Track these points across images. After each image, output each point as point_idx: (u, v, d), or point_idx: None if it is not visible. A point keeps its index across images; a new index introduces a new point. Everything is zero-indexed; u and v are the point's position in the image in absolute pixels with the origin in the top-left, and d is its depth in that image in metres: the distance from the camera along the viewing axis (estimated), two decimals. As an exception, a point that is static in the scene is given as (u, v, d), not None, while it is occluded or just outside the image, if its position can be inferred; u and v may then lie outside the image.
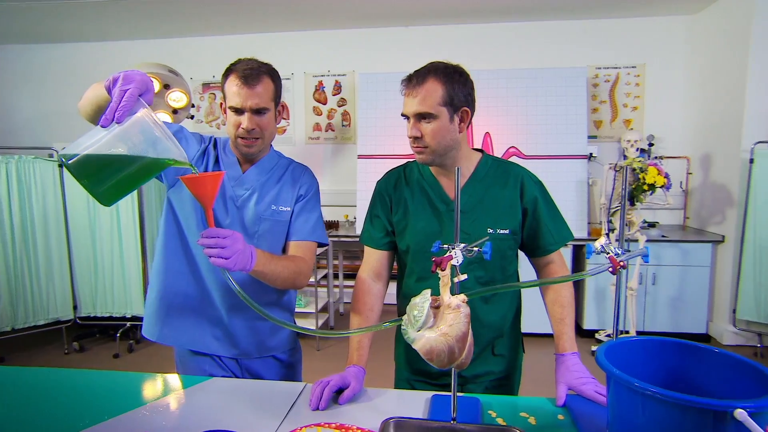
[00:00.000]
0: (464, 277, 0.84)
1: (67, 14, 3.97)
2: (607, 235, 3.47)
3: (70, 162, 0.84)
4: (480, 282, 1.21)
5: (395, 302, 1.40)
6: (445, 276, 0.82)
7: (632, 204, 3.36)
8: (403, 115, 1.21)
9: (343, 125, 4.58)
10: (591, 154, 4.03)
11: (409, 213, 1.27)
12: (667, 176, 3.20)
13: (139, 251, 3.59)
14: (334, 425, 1.01)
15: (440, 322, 0.82)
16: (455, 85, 1.16)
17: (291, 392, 1.16)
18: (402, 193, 1.30)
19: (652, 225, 3.91)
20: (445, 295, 0.82)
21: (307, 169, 1.43)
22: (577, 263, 3.88)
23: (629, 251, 0.88)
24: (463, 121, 1.20)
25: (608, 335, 3.62)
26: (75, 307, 3.67)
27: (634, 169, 3.27)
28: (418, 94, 1.15)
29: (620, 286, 0.93)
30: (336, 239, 4.06)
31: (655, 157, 3.89)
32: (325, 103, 4.58)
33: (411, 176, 1.31)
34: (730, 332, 3.58)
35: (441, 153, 1.19)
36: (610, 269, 0.77)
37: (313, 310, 3.63)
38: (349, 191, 4.47)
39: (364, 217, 1.36)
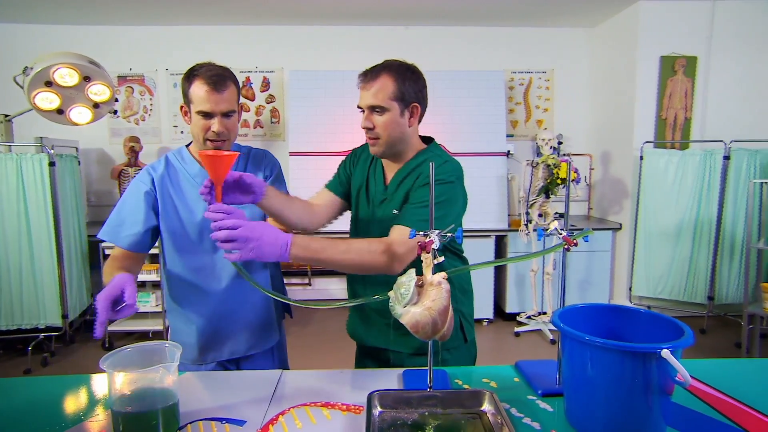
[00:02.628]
0: (442, 259, 0.96)
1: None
2: (526, 225, 3.81)
3: None
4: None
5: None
6: (427, 258, 0.94)
7: (547, 197, 3.73)
8: (358, 107, 1.30)
9: (272, 122, 4.54)
10: (509, 151, 4.37)
11: (362, 186, 1.41)
12: (576, 171, 3.59)
13: (54, 254, 3.31)
14: (320, 404, 1.08)
15: (424, 298, 0.93)
16: (407, 82, 1.26)
17: (270, 379, 1.21)
18: (366, 162, 1.42)
19: (562, 215, 4.34)
20: (428, 274, 0.93)
21: (267, 152, 1.51)
22: (500, 252, 4.21)
23: (571, 234, 1.05)
24: (413, 116, 1.30)
25: (529, 317, 3.98)
26: (-27, 322, 3.30)
27: (548, 165, 3.62)
28: (372, 88, 1.24)
29: (565, 267, 1.10)
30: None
31: (564, 154, 4.32)
32: (252, 100, 4.50)
33: (373, 158, 1.42)
34: (627, 307, 4.10)
35: (391, 144, 1.29)
36: (566, 247, 0.93)
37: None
38: (280, 189, 4.44)
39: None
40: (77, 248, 3.63)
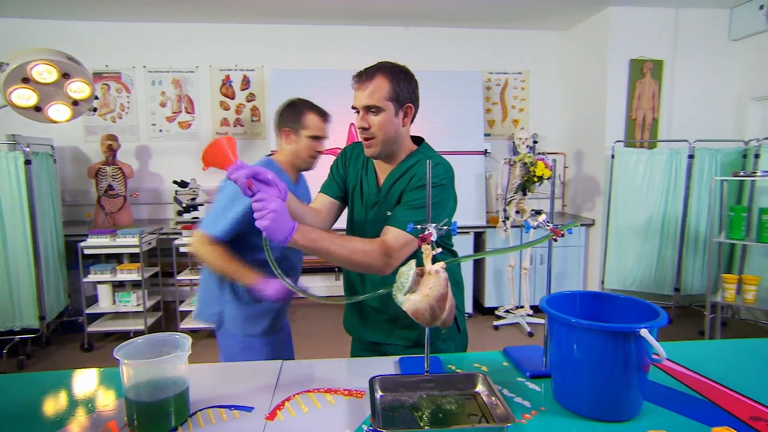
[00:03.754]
0: (439, 250, 1.03)
1: None
2: (504, 221, 3.93)
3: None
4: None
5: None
6: (427, 249, 1.00)
7: (524, 194, 3.85)
8: (353, 107, 1.33)
9: (252, 120, 4.53)
10: (486, 150, 4.49)
11: (356, 188, 1.45)
12: (552, 169, 3.72)
13: (31, 254, 3.24)
14: (323, 390, 1.14)
15: (423, 286, 0.99)
16: (401, 83, 1.30)
17: (271, 369, 1.26)
18: (359, 165, 1.46)
19: (538, 212, 4.48)
20: (428, 264, 1.00)
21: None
22: (478, 247, 4.32)
23: (557, 226, 1.13)
24: (407, 116, 1.34)
25: (507, 311, 4.10)
26: (-56, 325, 3.21)
27: (525, 164, 3.75)
28: (367, 88, 1.27)
29: (551, 258, 1.19)
30: (252, 235, 4.03)
31: (539, 153, 4.46)
32: (232, 98, 4.49)
33: (366, 158, 1.44)
34: (599, 300, 4.27)
35: (387, 144, 1.32)
36: (554, 237, 1.01)
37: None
38: (261, 187, 4.45)
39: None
40: (54, 248, 3.57)
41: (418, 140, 1.45)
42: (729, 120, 4.22)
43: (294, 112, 1.68)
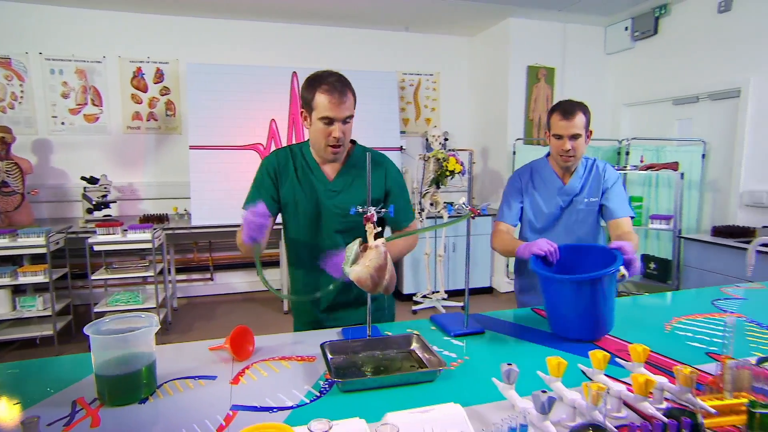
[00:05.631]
0: (379, 229, 1.21)
1: None
2: (420, 213, 4.22)
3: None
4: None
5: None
6: (370, 227, 1.18)
7: (438, 187, 4.17)
8: (328, 118, 1.41)
9: (167, 115, 4.39)
10: (401, 146, 4.77)
11: (297, 192, 1.53)
12: (462, 164, 4.08)
13: None
14: (277, 358, 1.27)
15: (365, 259, 1.17)
16: (354, 92, 1.48)
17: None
18: (290, 171, 1.54)
19: (450, 204, 4.85)
20: (371, 240, 1.18)
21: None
22: (397, 239, 4.59)
23: (476, 206, 1.37)
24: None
25: (424, 296, 4.41)
26: None
27: (438, 159, 4.06)
28: (344, 102, 1.41)
29: (469, 234, 1.42)
30: (170, 232, 3.92)
31: (450, 150, 4.83)
32: (145, 91, 4.31)
33: (296, 159, 1.56)
34: (504, 282, 4.75)
35: (346, 147, 1.50)
36: (472, 216, 1.24)
37: (154, 305, 3.50)
38: (177, 183, 4.34)
39: (195, 208, 1.52)
40: (-62, 252, 3.21)
41: None
42: (607, 122, 4.89)
43: (548, 114, 1.77)
